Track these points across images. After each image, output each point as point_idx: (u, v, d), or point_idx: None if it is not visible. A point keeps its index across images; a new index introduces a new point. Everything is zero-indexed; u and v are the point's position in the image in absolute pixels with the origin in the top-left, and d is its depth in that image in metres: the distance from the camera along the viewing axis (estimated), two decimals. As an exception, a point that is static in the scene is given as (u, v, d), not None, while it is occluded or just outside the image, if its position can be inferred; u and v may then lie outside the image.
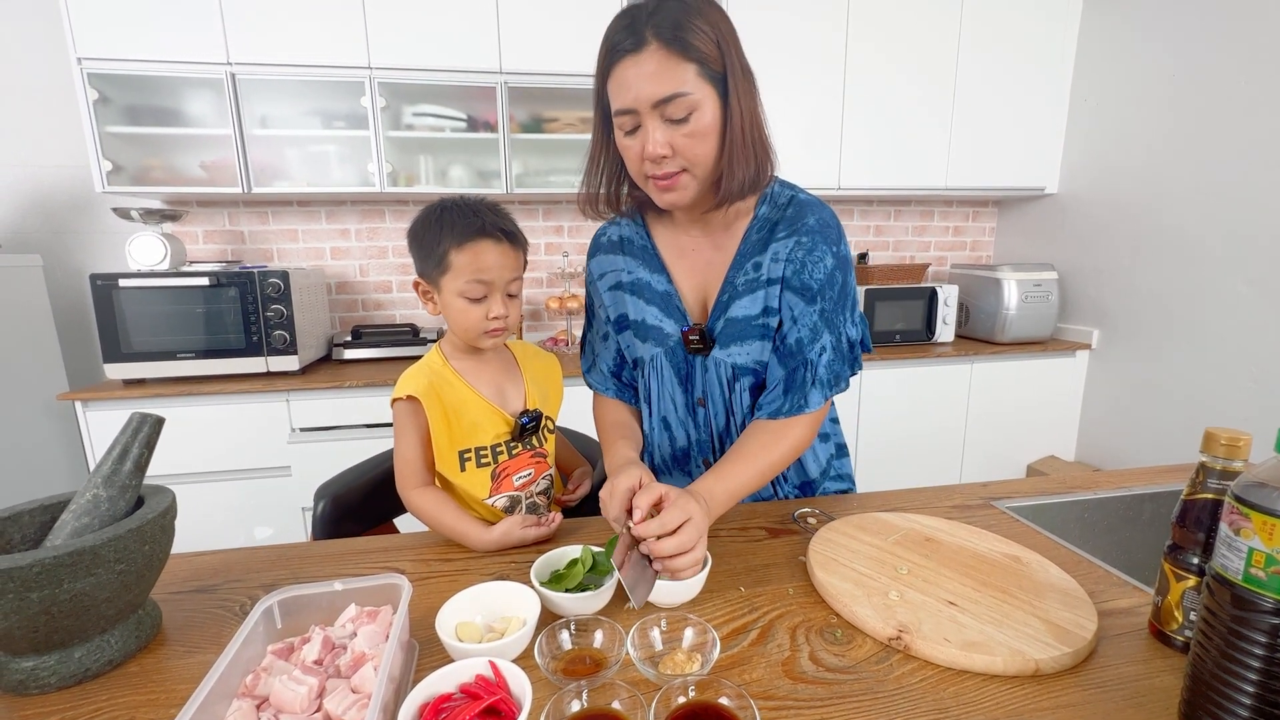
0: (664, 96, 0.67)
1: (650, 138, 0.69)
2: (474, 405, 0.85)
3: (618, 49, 0.68)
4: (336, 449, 1.85)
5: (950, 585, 0.64)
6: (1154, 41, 2.10)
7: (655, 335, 0.86)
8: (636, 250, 0.88)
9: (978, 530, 0.77)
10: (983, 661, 0.53)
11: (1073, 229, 2.44)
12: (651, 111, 0.68)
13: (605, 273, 0.91)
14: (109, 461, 0.59)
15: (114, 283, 1.76)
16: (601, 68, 0.71)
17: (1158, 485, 0.96)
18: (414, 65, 1.96)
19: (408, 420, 0.82)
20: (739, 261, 0.81)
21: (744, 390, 0.84)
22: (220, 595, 0.68)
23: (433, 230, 0.80)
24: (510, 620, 0.59)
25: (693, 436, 0.90)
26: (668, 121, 0.68)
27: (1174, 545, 0.56)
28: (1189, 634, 0.55)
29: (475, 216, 0.79)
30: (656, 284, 0.86)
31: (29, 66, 2.00)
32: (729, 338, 0.82)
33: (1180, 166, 2.02)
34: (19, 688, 0.52)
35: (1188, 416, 2.05)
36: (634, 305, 0.88)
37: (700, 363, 0.85)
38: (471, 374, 0.87)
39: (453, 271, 0.79)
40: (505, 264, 0.81)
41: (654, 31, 0.66)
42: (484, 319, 0.81)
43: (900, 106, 2.29)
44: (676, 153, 0.70)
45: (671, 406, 0.89)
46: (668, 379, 0.88)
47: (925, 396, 2.29)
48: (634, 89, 0.67)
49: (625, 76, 0.68)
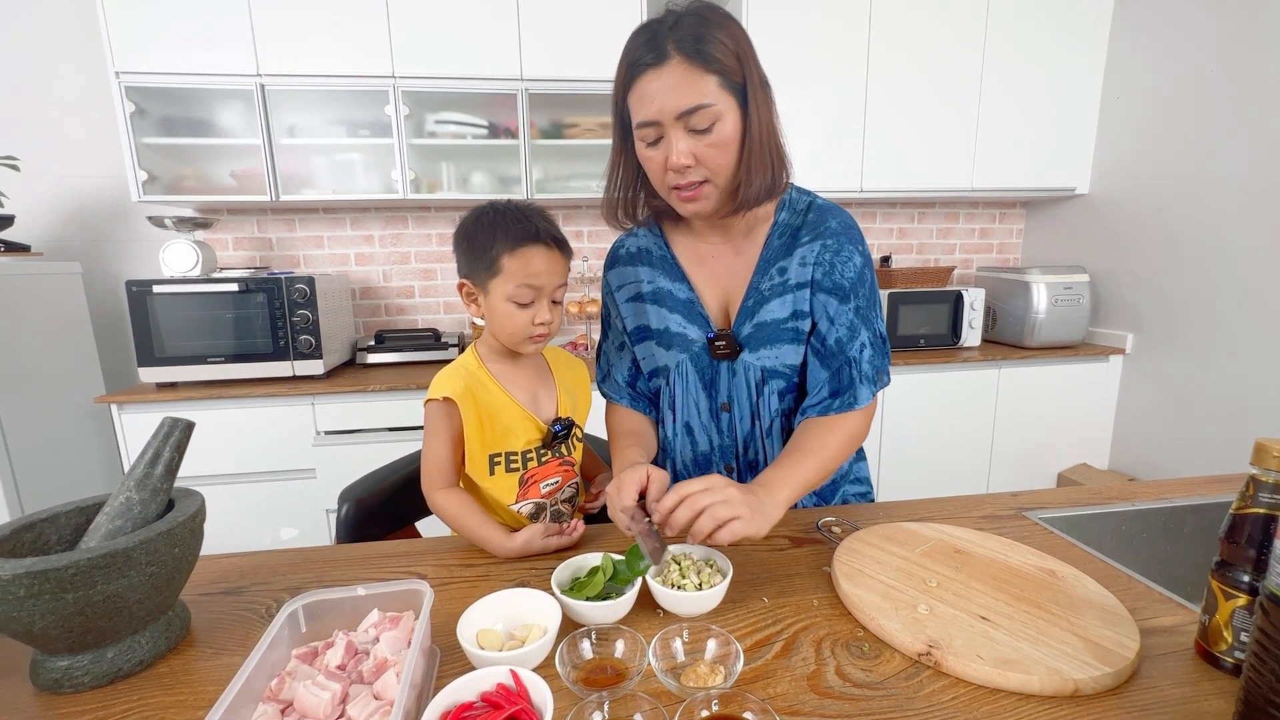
0: (688, 108, 0.68)
1: (675, 149, 0.70)
2: (508, 410, 0.85)
3: (639, 63, 0.69)
4: (360, 452, 1.87)
5: (982, 599, 0.62)
6: (1189, 37, 2.03)
7: (679, 342, 0.86)
8: (655, 260, 0.89)
9: (1009, 542, 0.75)
10: (1018, 680, 0.51)
11: (1105, 230, 2.37)
12: (675, 123, 0.69)
13: (623, 284, 0.92)
14: (141, 465, 0.60)
15: (148, 289, 1.81)
16: (622, 81, 0.73)
17: (1200, 497, 0.92)
18: (437, 74, 1.98)
19: (441, 421, 0.82)
20: (763, 267, 0.83)
21: (772, 394, 0.85)
22: (247, 597, 0.69)
23: (485, 233, 0.79)
24: (531, 628, 0.59)
25: (715, 442, 0.90)
26: (691, 132, 0.70)
27: (1222, 562, 0.53)
28: (1239, 655, 0.52)
29: (528, 222, 0.79)
30: (678, 292, 0.87)
31: (70, 81, 2.08)
32: (759, 341, 0.83)
33: (1218, 165, 1.95)
34: (54, 686, 0.54)
35: (1228, 424, 1.97)
36: (656, 314, 0.88)
37: (726, 367, 0.85)
38: (507, 378, 0.87)
39: (503, 275, 0.79)
40: (554, 270, 0.81)
41: (675, 45, 0.67)
42: (530, 324, 0.81)
43: (923, 106, 2.25)
44: (700, 163, 0.71)
45: (695, 412, 0.89)
46: (692, 385, 0.88)
47: (951, 402, 2.24)
48: (657, 101, 0.68)
49: (648, 89, 0.69)
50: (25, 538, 0.58)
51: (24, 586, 0.49)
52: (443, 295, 2.47)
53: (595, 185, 2.29)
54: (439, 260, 2.44)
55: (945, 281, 2.43)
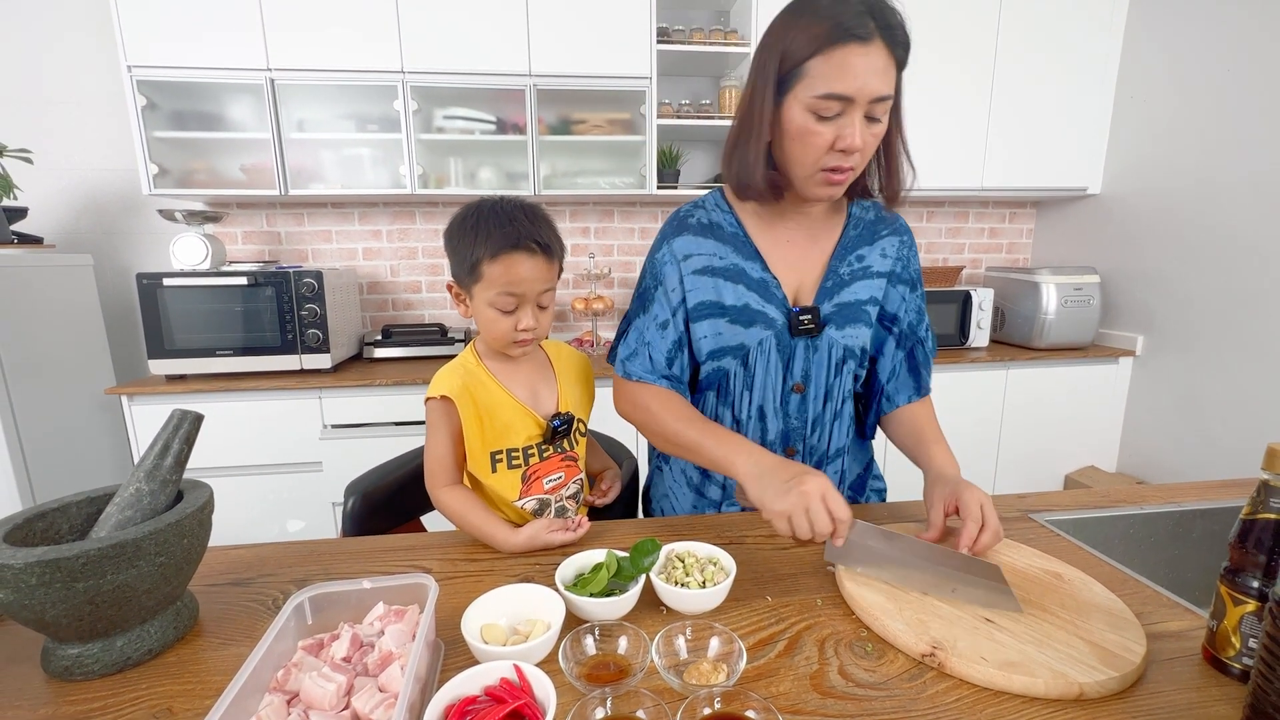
0: (883, 95, 0.69)
1: (856, 130, 0.70)
2: (507, 407, 0.84)
3: (848, 31, 0.66)
4: (366, 446, 1.88)
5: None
6: (1205, 36, 2.00)
7: (762, 319, 0.84)
8: (728, 237, 0.86)
9: (1016, 544, 0.74)
10: (1022, 683, 0.51)
11: (1117, 231, 2.35)
12: (864, 105, 0.69)
13: (693, 254, 0.85)
14: (151, 457, 0.61)
15: (159, 281, 1.82)
16: (810, 45, 0.68)
17: (1210, 501, 0.91)
18: (445, 69, 1.99)
19: (440, 419, 0.82)
20: (841, 253, 0.86)
21: (848, 374, 0.88)
22: (254, 589, 0.70)
23: (468, 237, 0.78)
24: (535, 623, 0.59)
25: (781, 427, 0.88)
26: (868, 119, 0.70)
27: (1231, 567, 0.53)
28: (1247, 662, 0.52)
29: (510, 225, 0.76)
30: (752, 270, 0.85)
31: (82, 75, 2.10)
32: (843, 319, 0.85)
33: (1232, 166, 1.93)
34: (64, 674, 0.54)
35: (1239, 429, 1.95)
36: (731, 291, 0.84)
37: (804, 346, 0.85)
38: (505, 375, 0.86)
39: (484, 281, 0.78)
40: (538, 276, 0.79)
41: (881, 28, 0.67)
42: (513, 330, 0.80)
43: (935, 104, 2.23)
44: (862, 149, 0.72)
45: (771, 394, 0.86)
46: (773, 364, 0.85)
47: (958, 403, 2.23)
48: (860, 79, 0.67)
49: (853, 63, 0.67)
50: (37, 527, 0.58)
51: (36, 575, 0.49)
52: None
53: (603, 182, 2.29)
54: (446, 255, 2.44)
55: (954, 281, 2.41)
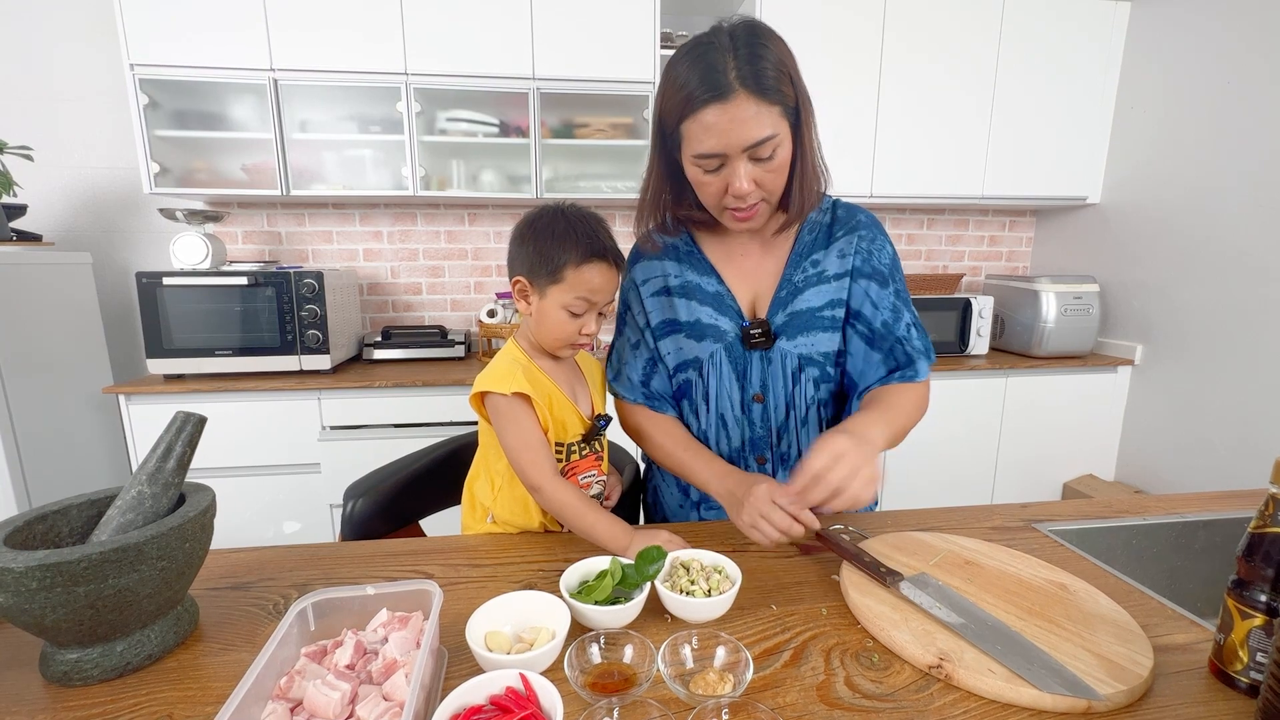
0: (756, 141, 0.70)
1: (740, 177, 0.72)
2: (560, 402, 0.85)
3: (698, 96, 0.69)
4: (365, 448, 1.87)
5: (993, 613, 0.62)
6: (1204, 48, 2.02)
7: (712, 333, 0.87)
8: (683, 255, 0.90)
9: (1019, 554, 0.74)
10: (1030, 696, 0.51)
11: (1116, 240, 2.36)
12: (741, 154, 0.71)
13: (649, 278, 0.91)
14: (153, 459, 0.60)
15: (158, 280, 1.82)
16: (677, 109, 0.72)
17: (1212, 512, 0.91)
18: (449, 71, 1.99)
19: (520, 412, 0.80)
20: (795, 261, 0.86)
21: (808, 382, 0.87)
22: (255, 593, 0.69)
23: (555, 241, 0.79)
24: (539, 631, 0.58)
25: (746, 435, 0.90)
26: (753, 161, 0.72)
27: (1239, 580, 0.53)
28: (1255, 676, 0.51)
29: (596, 238, 0.79)
30: (706, 285, 0.88)
31: (85, 74, 2.09)
32: (795, 329, 0.85)
33: (1231, 176, 1.94)
34: (63, 679, 0.54)
35: (1237, 439, 1.95)
36: (685, 307, 0.88)
37: (759, 357, 0.86)
38: (553, 373, 0.87)
39: (565, 284, 0.79)
40: (610, 288, 0.82)
41: (739, 78, 0.68)
42: (577, 333, 0.82)
43: (935, 112, 2.25)
44: (759, 187, 0.74)
45: (729, 404, 0.89)
46: (726, 375, 0.87)
47: (957, 410, 2.23)
48: (725, 135, 0.69)
49: (712, 122, 0.69)
50: (37, 529, 0.58)
51: (36, 579, 0.49)
52: (450, 293, 2.48)
53: (605, 186, 2.29)
54: (447, 257, 2.44)
55: (953, 289, 2.42)
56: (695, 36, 0.72)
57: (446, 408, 1.94)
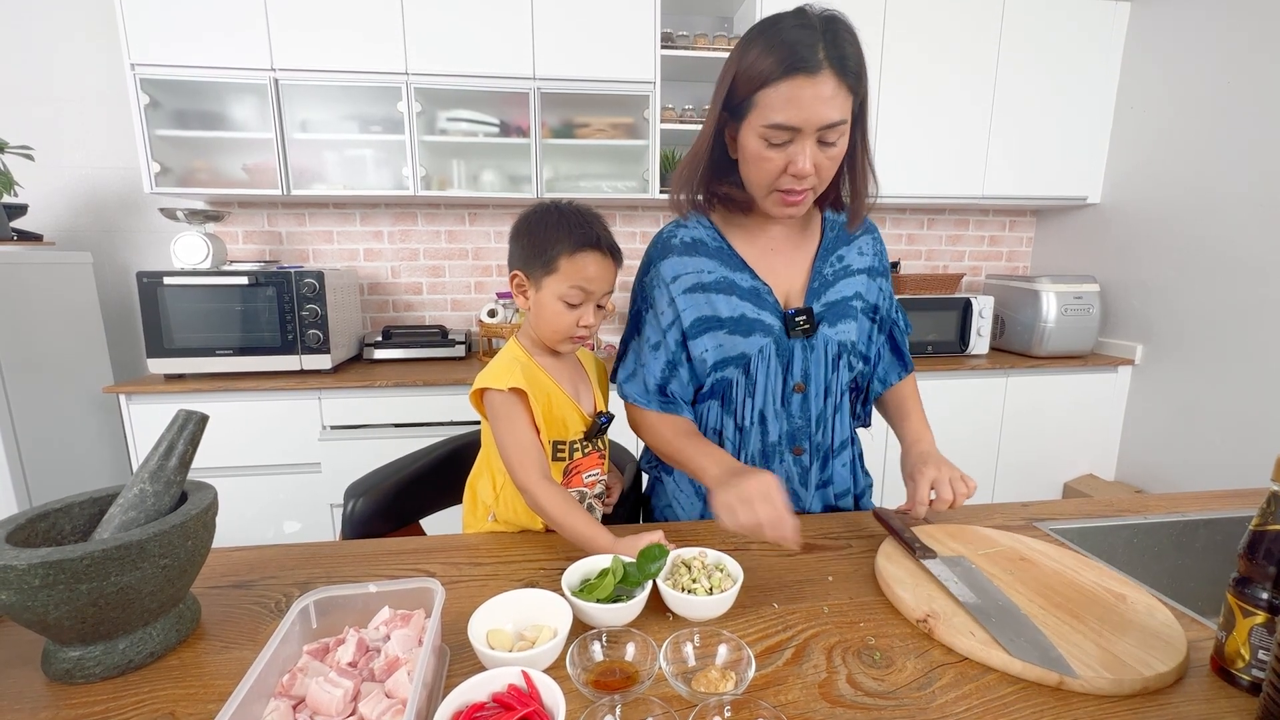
0: (832, 121, 0.71)
1: (805, 157, 0.73)
2: (560, 401, 0.86)
3: (794, 64, 0.69)
4: (365, 447, 1.87)
5: (1017, 600, 0.61)
6: (1204, 48, 2.02)
7: (760, 327, 0.85)
8: (713, 251, 0.88)
9: (1089, 560, 0.72)
10: (1000, 660, 0.51)
11: (1116, 240, 2.36)
12: (813, 134, 0.72)
13: (680, 274, 0.88)
14: (155, 457, 0.60)
15: (159, 280, 1.82)
16: (758, 79, 0.71)
17: (1212, 511, 0.91)
18: (450, 71, 1.99)
19: (515, 410, 0.81)
20: (824, 255, 0.90)
21: (844, 368, 0.90)
22: (256, 591, 0.69)
23: (549, 232, 0.80)
24: (541, 629, 0.58)
25: (784, 428, 0.89)
26: (821, 143, 0.73)
27: (1241, 578, 0.53)
28: (1257, 674, 0.51)
29: (589, 228, 0.81)
30: (741, 281, 0.87)
31: (86, 73, 2.09)
32: (835, 316, 0.88)
33: (1231, 176, 1.94)
34: (65, 676, 0.54)
35: (1237, 438, 1.95)
36: (725, 303, 0.86)
37: (801, 346, 0.86)
38: (554, 371, 0.88)
39: (559, 274, 0.80)
40: (606, 277, 0.83)
41: (830, 59, 0.69)
42: (574, 325, 0.83)
43: (936, 112, 2.25)
44: (817, 172, 0.75)
45: (771, 398, 0.88)
46: (774, 369, 0.87)
47: (958, 410, 2.23)
48: (807, 110, 0.70)
49: (799, 95, 0.70)
50: (39, 527, 0.58)
51: (39, 576, 0.49)
52: (451, 292, 2.48)
53: (605, 185, 2.29)
54: (447, 257, 2.44)
55: (954, 288, 2.42)
56: (778, 14, 0.72)
57: (447, 407, 1.94)
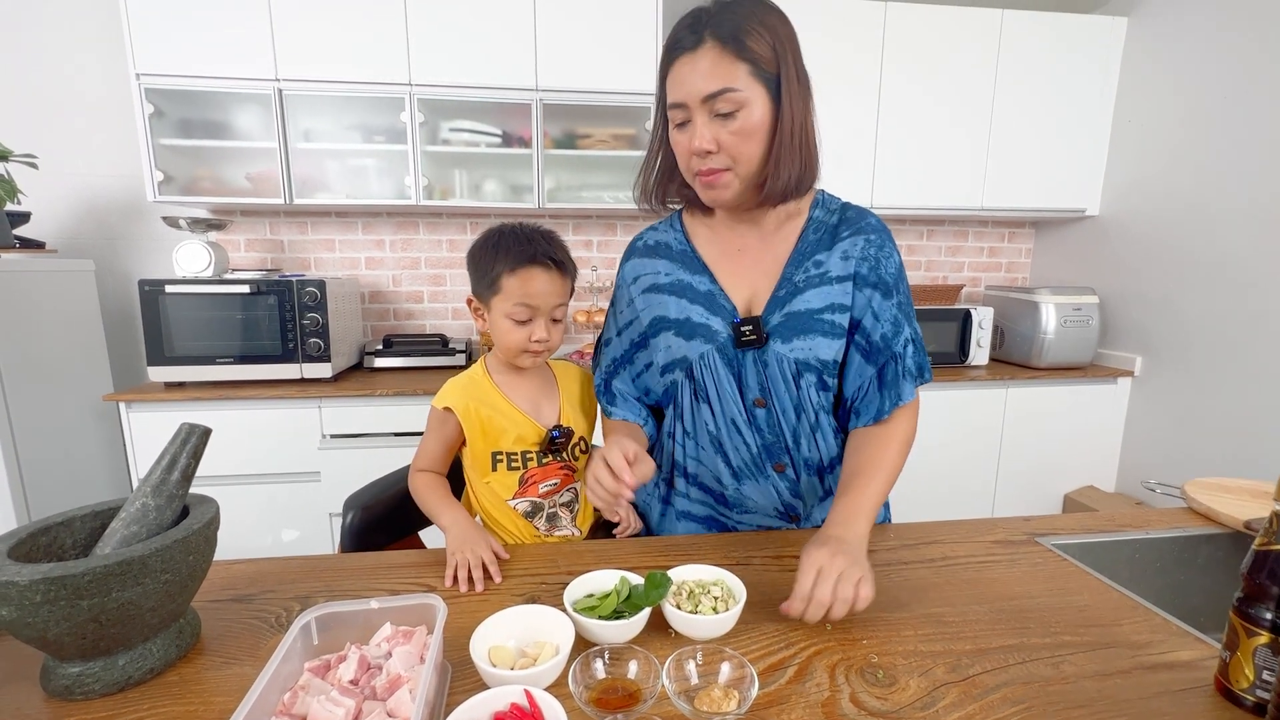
0: (712, 91, 0.70)
1: (698, 133, 0.72)
2: (508, 416, 0.91)
3: (677, 47, 0.73)
4: (365, 456, 1.87)
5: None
6: (1202, 60, 2.04)
7: (703, 332, 0.83)
8: (675, 254, 0.89)
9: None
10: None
11: (1115, 252, 2.37)
12: (700, 106, 0.72)
13: (640, 275, 0.90)
14: (158, 471, 0.60)
15: (160, 288, 1.82)
16: (662, 65, 0.76)
17: (1215, 527, 0.91)
18: (452, 82, 2.00)
19: (438, 425, 0.91)
20: (796, 259, 0.83)
21: (810, 387, 0.82)
22: (256, 605, 0.69)
23: (489, 254, 0.85)
24: (543, 645, 0.58)
25: (758, 441, 0.84)
26: (716, 117, 0.72)
27: (1245, 597, 0.53)
28: (1261, 694, 0.51)
29: (529, 244, 0.84)
30: (698, 284, 0.86)
31: (90, 82, 2.11)
32: (790, 331, 0.80)
33: (1229, 188, 1.95)
34: (65, 693, 0.53)
35: (1237, 451, 1.95)
36: (675, 305, 0.86)
37: (754, 359, 0.81)
38: (509, 387, 0.93)
39: (503, 294, 0.85)
40: (552, 291, 0.86)
41: (712, 32, 0.71)
42: (527, 340, 0.87)
43: (935, 123, 2.26)
44: (722, 149, 0.73)
45: (735, 409, 0.84)
46: (724, 377, 0.83)
47: (957, 421, 2.23)
48: (686, 84, 0.72)
49: (681, 73, 0.73)
50: (40, 541, 0.58)
51: (40, 592, 0.48)
52: (451, 301, 2.48)
53: (607, 196, 2.30)
54: (449, 266, 2.45)
55: (953, 300, 2.43)
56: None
57: (447, 416, 1.94)
